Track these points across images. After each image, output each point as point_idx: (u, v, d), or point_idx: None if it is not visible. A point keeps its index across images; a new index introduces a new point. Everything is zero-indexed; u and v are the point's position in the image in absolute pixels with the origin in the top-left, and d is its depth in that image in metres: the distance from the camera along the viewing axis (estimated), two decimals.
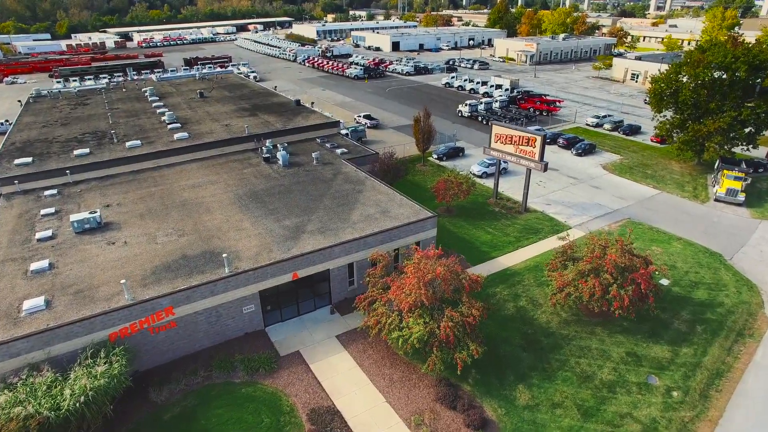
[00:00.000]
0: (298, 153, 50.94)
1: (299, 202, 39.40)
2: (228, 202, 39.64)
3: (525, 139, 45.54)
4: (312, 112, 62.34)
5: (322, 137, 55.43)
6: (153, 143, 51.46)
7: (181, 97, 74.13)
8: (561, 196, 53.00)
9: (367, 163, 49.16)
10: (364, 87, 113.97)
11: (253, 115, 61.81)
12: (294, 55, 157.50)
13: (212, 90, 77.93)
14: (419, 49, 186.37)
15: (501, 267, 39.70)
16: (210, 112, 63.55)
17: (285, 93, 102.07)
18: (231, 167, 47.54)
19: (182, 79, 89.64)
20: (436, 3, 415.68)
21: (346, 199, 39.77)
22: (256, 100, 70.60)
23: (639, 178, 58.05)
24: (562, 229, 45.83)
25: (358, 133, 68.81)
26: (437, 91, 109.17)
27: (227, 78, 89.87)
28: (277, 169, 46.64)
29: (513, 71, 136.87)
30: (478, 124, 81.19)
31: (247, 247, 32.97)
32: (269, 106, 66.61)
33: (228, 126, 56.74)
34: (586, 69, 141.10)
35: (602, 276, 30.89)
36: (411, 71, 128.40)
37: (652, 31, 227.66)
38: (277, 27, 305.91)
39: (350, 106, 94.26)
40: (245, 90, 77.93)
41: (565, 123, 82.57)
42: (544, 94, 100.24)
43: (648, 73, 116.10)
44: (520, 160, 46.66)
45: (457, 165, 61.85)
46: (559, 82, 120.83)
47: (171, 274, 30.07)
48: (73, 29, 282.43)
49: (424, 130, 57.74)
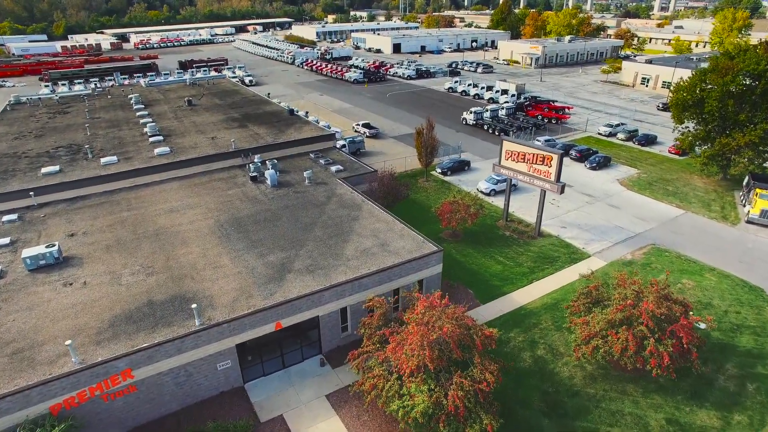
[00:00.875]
0: (288, 170, 46.49)
1: (287, 231, 34.93)
2: (207, 232, 35.18)
3: (540, 157, 41.02)
4: (306, 123, 57.87)
5: (315, 152, 50.95)
6: (131, 159, 47.04)
7: (168, 104, 69.72)
8: (577, 217, 48.47)
9: (364, 182, 44.68)
10: (364, 92, 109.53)
11: (243, 126, 57.36)
12: (292, 57, 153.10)
13: (202, 97, 73.52)
14: (421, 51, 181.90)
15: (514, 305, 35.18)
16: (196, 123, 59.13)
17: (281, 98, 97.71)
18: (214, 187, 43.08)
19: (172, 84, 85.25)
20: (438, 3, 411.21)
21: (340, 228, 35.28)
22: (247, 108, 66.14)
23: (660, 195, 53.49)
24: (580, 257, 41.30)
25: (356, 144, 64.36)
26: (440, 96, 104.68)
27: (219, 83, 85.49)
28: (264, 190, 42.16)
29: (518, 75, 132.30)
30: (484, 132, 76.68)
31: (224, 290, 28.50)
32: (260, 115, 62.16)
33: (214, 139, 52.30)
34: (594, 72, 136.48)
35: (636, 328, 26.39)
36: (413, 75, 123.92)
37: (658, 32, 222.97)
38: (276, 28, 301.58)
39: (349, 112, 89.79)
40: (236, 97, 73.49)
41: (575, 132, 78.00)
42: (552, 99, 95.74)
43: (659, 77, 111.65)
44: (533, 180, 42.15)
45: (462, 180, 57.34)
46: (567, 87, 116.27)
47: (132, 327, 25.61)
48: (70, 30, 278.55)
49: (427, 143, 53.26)
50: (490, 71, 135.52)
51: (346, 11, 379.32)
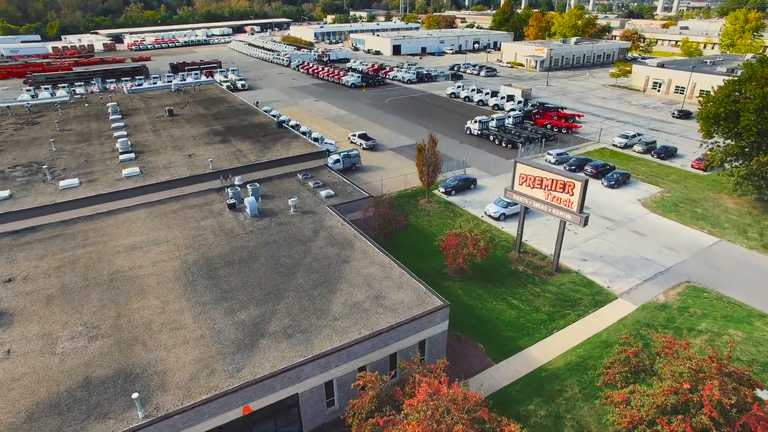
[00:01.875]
0: (272, 195, 41.06)
1: (264, 277, 29.51)
2: (171, 277, 29.75)
3: (560, 183, 35.58)
4: (295, 138, 52.38)
5: (304, 172, 45.49)
6: (95, 182, 41.61)
7: (148, 114, 64.28)
8: (597, 247, 43.02)
9: (358, 210, 39.29)
10: (362, 97, 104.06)
11: (225, 141, 51.93)
12: (288, 59, 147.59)
13: (186, 105, 68.09)
14: (421, 53, 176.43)
15: (533, 364, 29.74)
16: (175, 137, 53.68)
17: (274, 104, 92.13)
18: (186, 217, 37.65)
19: (156, 91, 79.82)
20: (438, 3, 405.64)
21: (327, 272, 29.85)
22: (232, 119, 60.70)
23: (688, 219, 48.05)
24: (605, 299, 35.86)
25: (351, 159, 58.94)
26: (442, 102, 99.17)
27: (207, 90, 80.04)
28: (242, 220, 36.74)
29: (523, 78, 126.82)
30: (490, 144, 71.20)
31: (181, 362, 23.10)
32: (246, 128, 56.72)
33: (191, 157, 46.85)
34: (601, 76, 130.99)
35: (695, 416, 20.98)
36: (413, 79, 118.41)
37: (664, 33, 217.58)
38: (275, 29, 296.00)
39: (345, 120, 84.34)
40: (222, 106, 68.02)
41: (588, 143, 72.52)
42: (561, 106, 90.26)
43: (672, 82, 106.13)
44: (551, 209, 36.73)
45: (468, 201, 51.90)
46: (574, 92, 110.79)
47: (57, 420, 20.21)
48: (64, 30, 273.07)
49: (429, 160, 47.83)
50: (494, 75, 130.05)
51: (346, 11, 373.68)
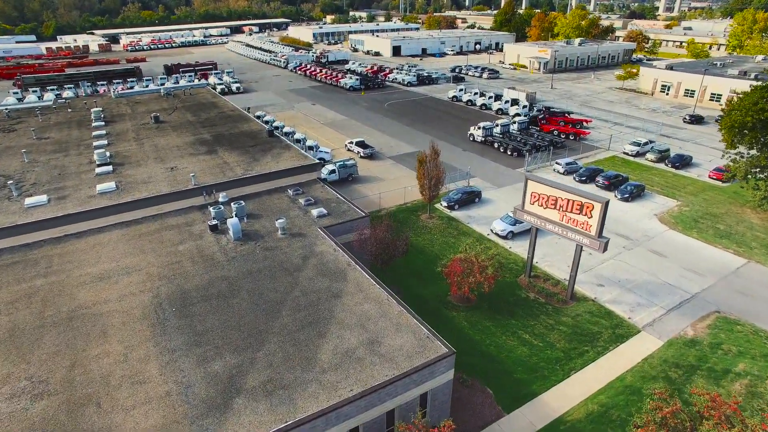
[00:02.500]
0: (259, 214, 37.51)
1: (244, 316, 25.97)
2: (139, 315, 26.20)
3: (577, 204, 32.02)
4: (286, 148, 48.76)
5: (295, 187, 41.90)
6: (65, 199, 38.06)
7: (132, 121, 60.73)
8: (615, 270, 39.45)
9: (354, 230, 35.75)
10: (360, 100, 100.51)
11: (212, 151, 48.35)
12: (285, 61, 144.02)
13: (174, 111, 64.53)
14: (422, 54, 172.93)
15: (549, 415, 26.17)
16: (158, 147, 50.12)
17: (270, 107, 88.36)
18: (163, 240, 34.11)
19: (145, 95, 76.26)
20: (439, 4, 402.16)
21: (316, 310, 26.30)
22: (221, 127, 57.12)
23: (711, 237, 44.49)
24: (627, 332, 32.31)
25: (347, 169, 55.39)
26: (443, 106, 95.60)
27: (198, 94, 76.46)
28: (225, 244, 33.19)
29: (526, 81, 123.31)
30: (495, 151, 67.63)
31: (140, 430, 19.54)
32: (235, 137, 53.16)
33: (173, 170, 43.27)
34: (607, 78, 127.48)
35: None
36: (413, 81, 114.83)
37: (668, 34, 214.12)
38: (273, 29, 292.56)
39: (342, 126, 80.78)
40: (212, 112, 64.44)
41: (597, 150, 68.95)
42: (568, 111, 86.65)
43: (681, 85, 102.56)
44: (567, 232, 33.17)
45: (472, 216, 48.33)
46: (580, 95, 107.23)
47: None
48: (60, 30, 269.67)
49: (432, 174, 44.26)
50: (497, 77, 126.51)
51: (346, 11, 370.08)
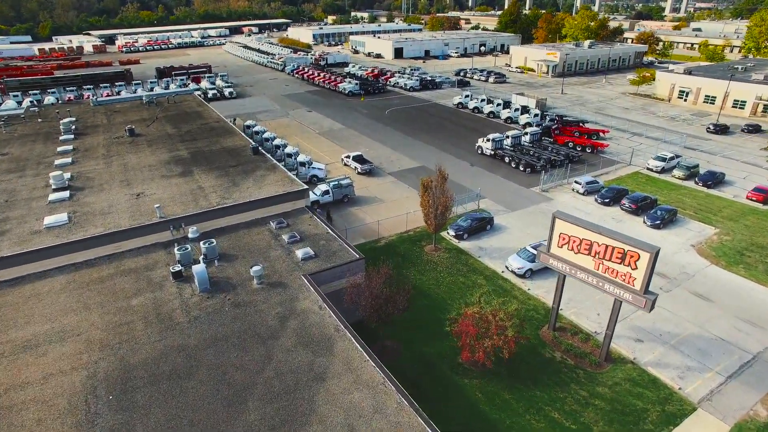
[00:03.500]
0: (234, 254, 31.62)
1: (200, 408, 20.05)
2: (63, 409, 20.31)
3: (617, 252, 25.98)
4: (271, 170, 42.75)
5: (279, 219, 35.97)
6: (4, 235, 32.21)
7: (106, 133, 54.92)
8: (654, 319, 33.36)
9: (345, 274, 29.84)
10: (360, 107, 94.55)
11: (187, 172, 42.44)
12: (283, 64, 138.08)
13: (153, 123, 58.70)
14: (425, 56, 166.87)
15: None
16: (128, 166, 44.25)
17: (263, 114, 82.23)
18: (115, 291, 28.23)
19: (126, 102, 70.43)
20: (441, 4, 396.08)
21: (293, 400, 20.37)
22: (202, 141, 51.24)
23: (763, 275, 38.37)
24: (680, 411, 26.22)
25: (342, 189, 49.47)
26: (448, 113, 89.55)
27: (183, 102, 70.60)
28: (188, 298, 27.29)
29: (534, 85, 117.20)
30: (506, 167, 61.57)
31: None
32: (215, 155, 47.25)
33: (140, 198, 37.38)
34: (619, 82, 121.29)
35: None
36: (416, 86, 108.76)
37: (678, 35, 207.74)
38: (273, 30, 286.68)
39: (339, 136, 74.83)
40: (195, 123, 58.53)
41: (617, 166, 62.84)
42: (582, 119, 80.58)
43: (701, 90, 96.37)
44: (604, 284, 27.15)
45: (484, 248, 42.32)
46: (592, 101, 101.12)
47: None
48: (56, 31, 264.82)
49: (438, 201, 38.29)
50: (503, 81, 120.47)
51: (347, 12, 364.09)
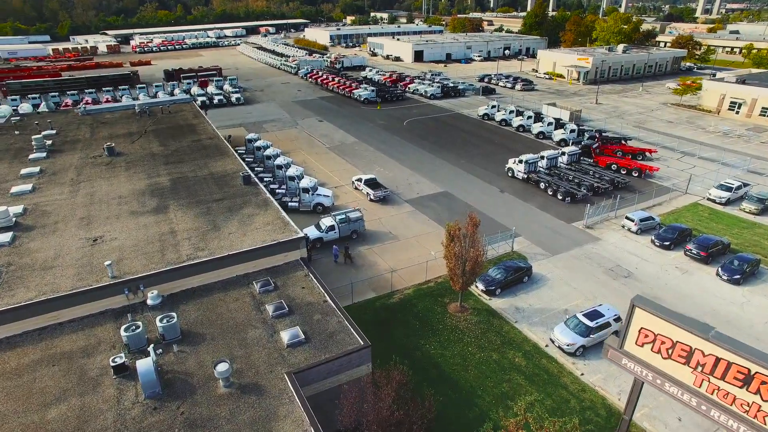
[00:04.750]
0: (201, 334, 24.10)
1: None
2: None
3: (739, 371, 17.70)
4: (262, 207, 35.14)
5: (264, 281, 28.32)
6: None
7: (84, 151, 48.17)
8: None
9: (344, 369, 22.15)
10: (376, 116, 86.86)
11: (162, 208, 35.15)
12: (296, 67, 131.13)
13: (139, 138, 51.81)
14: (446, 60, 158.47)
15: None
16: (95, 197, 37.21)
17: (271, 123, 74.36)
18: (30, 393, 20.94)
19: (116, 111, 63.80)
20: (462, 5, 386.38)
21: None
22: (188, 164, 44.00)
23: None
24: None
25: (351, 224, 41.79)
26: (472, 126, 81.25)
27: (179, 112, 63.65)
28: (128, 408, 19.78)
29: (565, 94, 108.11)
30: (541, 194, 53.18)
31: None
32: (200, 183, 39.92)
33: (95, 244, 30.19)
34: (657, 91, 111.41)
35: None
36: (437, 94, 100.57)
37: (717, 39, 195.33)
38: (290, 30, 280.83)
39: (351, 151, 67.15)
40: (186, 140, 51.39)
41: (671, 194, 53.95)
42: (624, 136, 71.54)
43: (757, 102, 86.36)
44: (711, 410, 18.87)
45: (521, 309, 34.18)
46: (630, 112, 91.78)
47: None
48: (75, 30, 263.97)
49: (468, 255, 30.31)
50: (531, 88, 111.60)
51: (367, 12, 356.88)
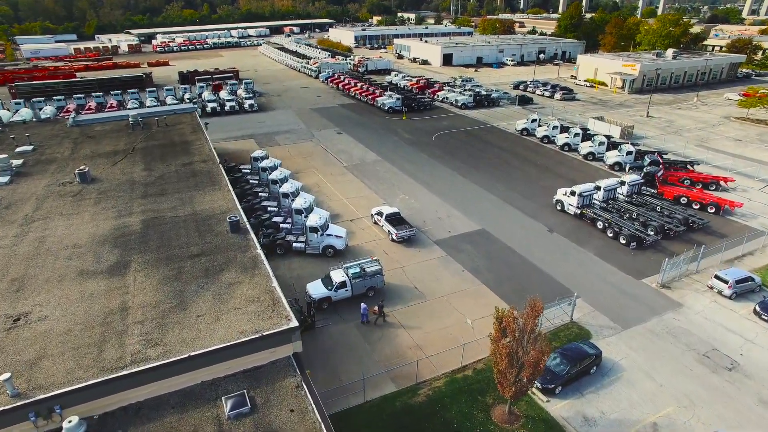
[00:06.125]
0: None
1: None
2: None
3: None
4: (249, 271, 26.67)
5: (236, 399, 19.87)
6: None
7: (54, 175, 40.83)
8: None
9: None
10: (401, 128, 78.19)
11: (119, 267, 27.11)
12: (317, 70, 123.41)
13: (123, 159, 44.32)
14: (477, 64, 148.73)
15: None
16: (42, 245, 29.47)
17: (285, 135, 65.72)
18: None
19: (109, 122, 56.61)
20: (491, 6, 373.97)
21: None
22: (170, 199, 36.02)
23: None
24: None
25: (367, 280, 33.23)
26: (510, 143, 71.70)
27: (177, 125, 56.04)
28: None
29: (610, 104, 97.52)
30: (598, 235, 43.66)
31: None
32: (178, 227, 31.85)
33: (14, 328, 22.25)
34: (714, 101, 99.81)
35: None
36: (469, 103, 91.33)
37: None
38: (315, 30, 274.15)
39: (372, 173, 58.52)
40: (174, 163, 43.53)
41: (763, 238, 43.77)
42: (690, 160, 61.05)
43: None
44: None
45: (592, 420, 25.01)
46: (688, 128, 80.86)
47: None
48: (101, 30, 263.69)
49: (525, 359, 21.46)
50: (572, 98, 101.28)
51: (394, 12, 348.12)
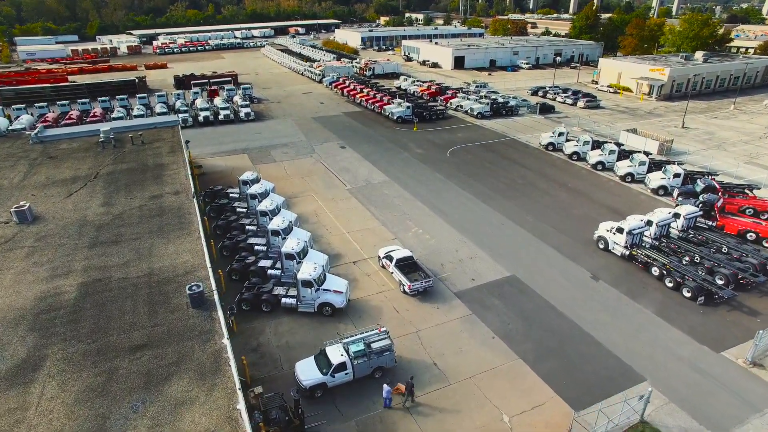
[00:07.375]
0: None
1: None
2: None
3: None
4: (209, 378, 19.21)
5: None
6: None
7: None
8: None
9: None
10: (411, 141, 70.42)
11: (29, 368, 19.40)
12: (321, 74, 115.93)
13: (82, 188, 36.96)
14: (490, 67, 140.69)
15: None
16: None
17: (281, 149, 56.79)
18: None
19: (78, 138, 49.39)
20: (501, 6, 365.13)
21: None
22: (122, 251, 28.43)
23: None
24: None
25: (372, 360, 25.51)
26: (535, 159, 63.63)
27: (156, 141, 48.70)
28: None
29: (638, 113, 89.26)
30: (654, 284, 35.65)
31: None
32: (123, 299, 24.29)
33: None
34: (753, 109, 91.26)
35: None
36: (485, 112, 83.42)
37: None
38: (321, 30, 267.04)
39: (379, 197, 50.75)
40: (141, 196, 36.05)
41: None
42: (749, 184, 52.90)
43: None
44: None
45: None
46: (731, 140, 72.53)
47: None
48: (103, 30, 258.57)
49: None
50: (596, 105, 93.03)
51: (401, 13, 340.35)
